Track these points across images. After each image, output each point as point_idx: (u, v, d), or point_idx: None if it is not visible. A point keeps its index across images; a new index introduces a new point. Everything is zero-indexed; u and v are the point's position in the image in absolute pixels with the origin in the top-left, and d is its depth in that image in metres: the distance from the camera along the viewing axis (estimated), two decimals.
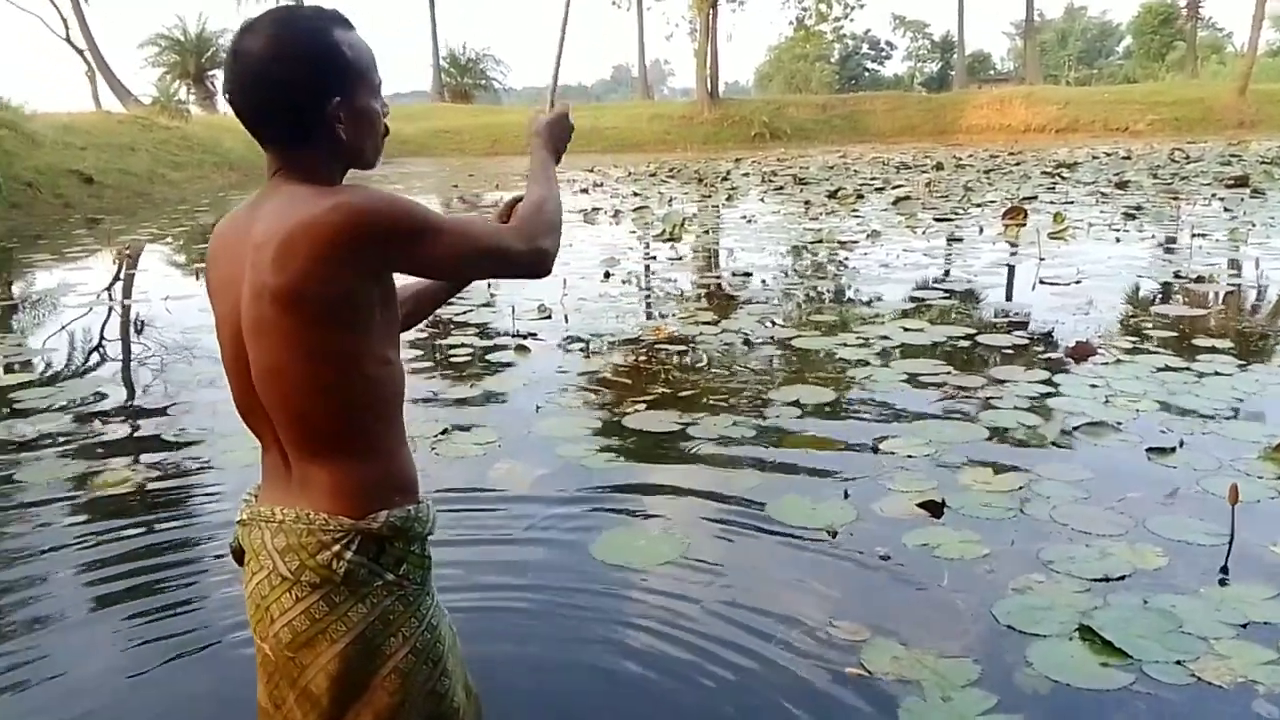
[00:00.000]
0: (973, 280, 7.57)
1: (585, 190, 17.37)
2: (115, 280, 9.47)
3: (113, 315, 7.46)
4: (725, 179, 19.31)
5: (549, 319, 6.43)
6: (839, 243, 9.86)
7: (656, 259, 9.44)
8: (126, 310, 7.55)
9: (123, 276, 9.52)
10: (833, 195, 14.68)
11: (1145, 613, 2.52)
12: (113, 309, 7.73)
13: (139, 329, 6.62)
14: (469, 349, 5.66)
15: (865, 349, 5.34)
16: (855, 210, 12.85)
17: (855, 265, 8.62)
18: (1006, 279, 7.75)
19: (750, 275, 8.12)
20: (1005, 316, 6.26)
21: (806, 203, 13.88)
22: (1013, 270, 8.11)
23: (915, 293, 7.07)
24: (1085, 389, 4.47)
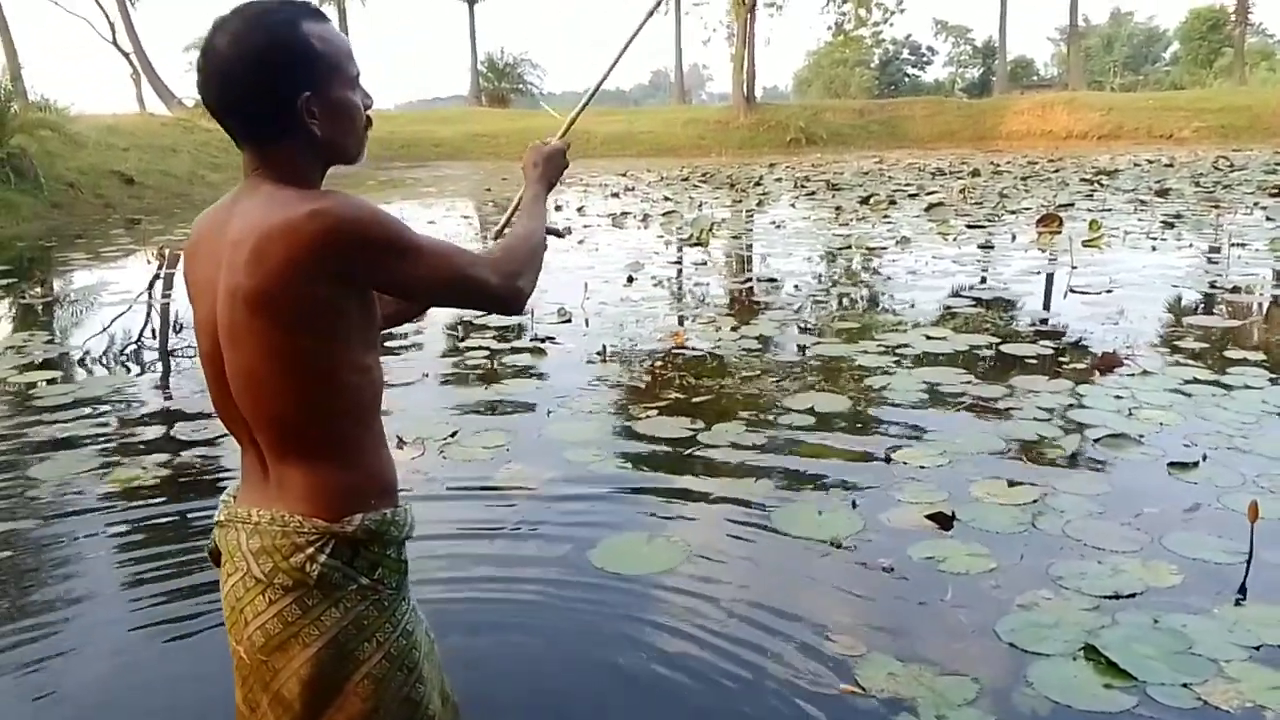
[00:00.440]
0: (1001, 288, 7.45)
1: (616, 194, 17.38)
2: (155, 279, 9.64)
3: (152, 313, 7.59)
4: (758, 184, 19.21)
5: (569, 323, 6.42)
6: (868, 249, 9.76)
7: (682, 264, 9.41)
8: (165, 308, 7.69)
9: (162, 275, 9.68)
10: (865, 201, 14.55)
11: (1155, 632, 2.44)
12: (152, 307, 7.86)
13: (178, 329, 6.75)
14: (486, 351, 5.66)
15: (886, 357, 5.27)
16: (887, 216, 12.72)
17: (883, 272, 8.52)
18: (1037, 288, 7.61)
19: (775, 281, 8.06)
20: (1032, 325, 6.14)
21: (838, 208, 13.77)
22: (1044, 279, 7.97)
23: (942, 300, 6.97)
24: (1109, 401, 4.37)
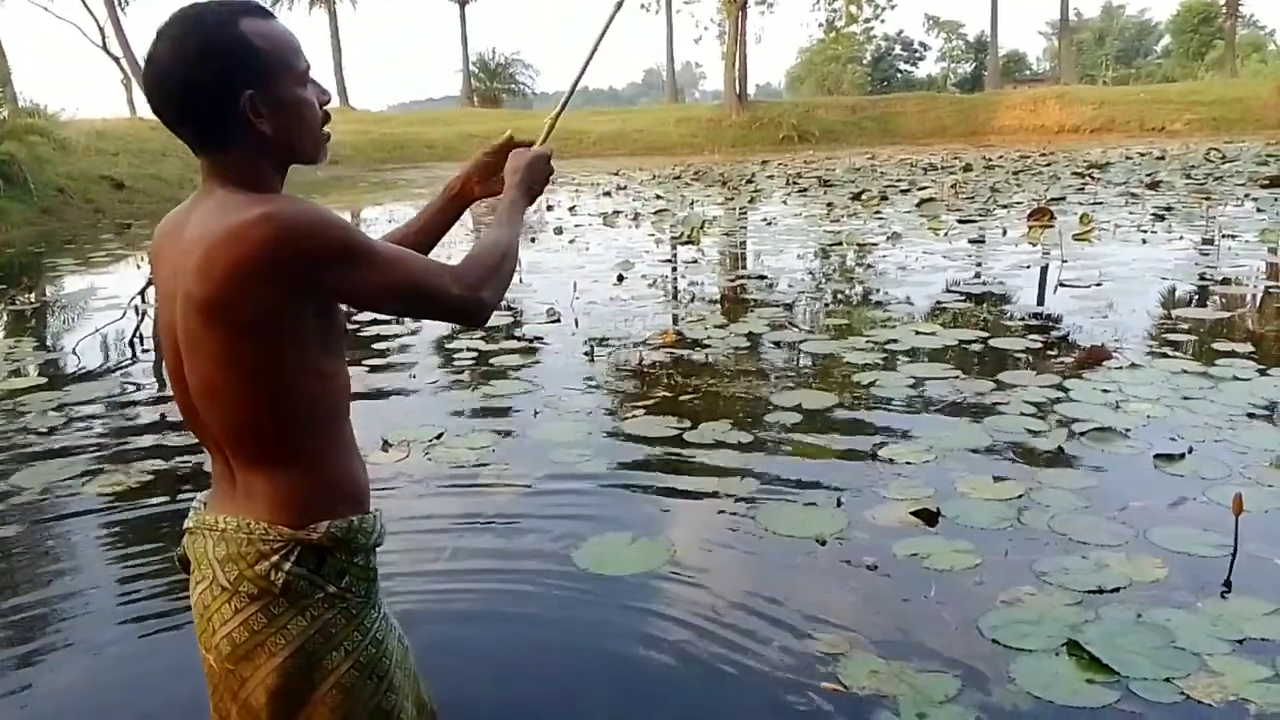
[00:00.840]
0: (991, 283, 7.44)
1: (608, 193, 17.36)
2: (148, 284, 9.60)
3: (145, 318, 7.54)
4: (750, 181, 19.21)
5: (558, 323, 6.40)
6: (858, 245, 9.76)
7: (672, 262, 9.40)
8: (157, 313, 7.62)
9: (153, 279, 9.63)
10: (856, 197, 14.55)
11: (1138, 627, 2.43)
12: (145, 313, 7.83)
13: None
14: (473, 352, 5.64)
15: (874, 353, 5.26)
16: (878, 212, 12.72)
17: (873, 267, 8.52)
18: (1027, 282, 7.60)
19: (765, 278, 8.05)
20: (1022, 320, 6.14)
21: (829, 205, 13.77)
22: (1033, 272, 7.97)
23: (931, 295, 6.97)
24: (1096, 394, 4.36)
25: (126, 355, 6.28)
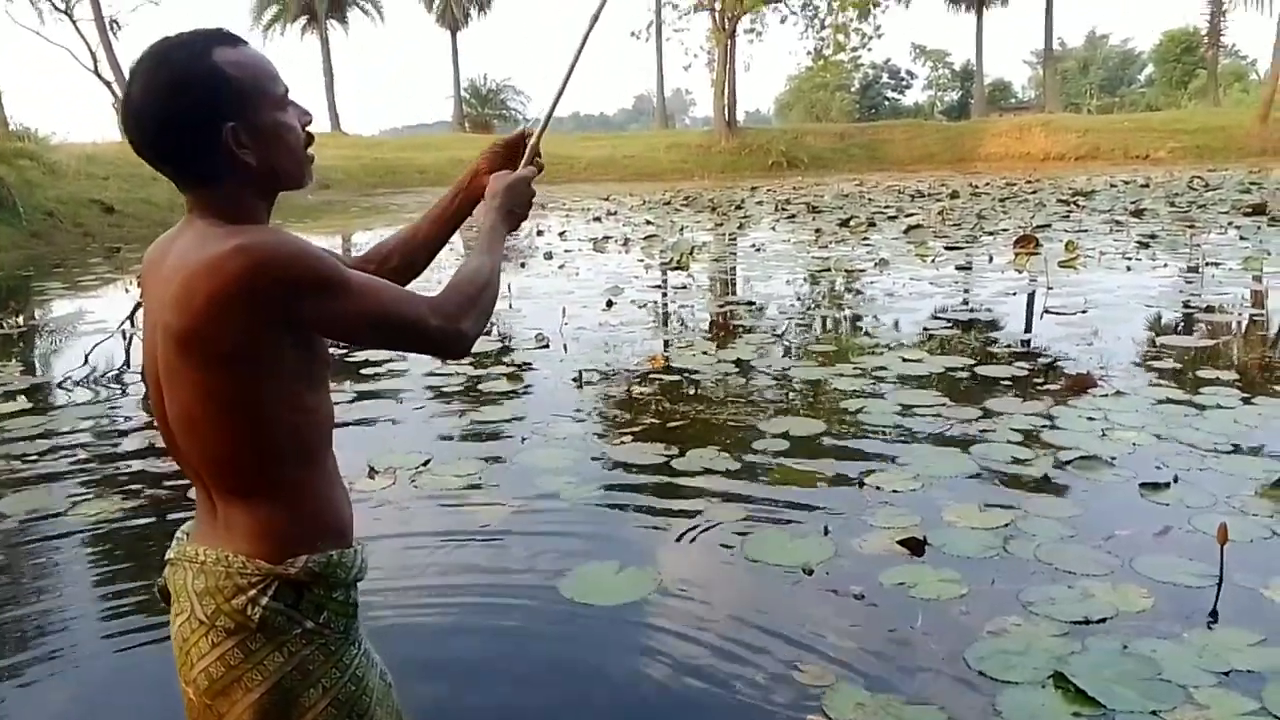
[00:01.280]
0: (978, 309, 7.49)
1: (598, 218, 17.43)
2: (138, 307, 9.57)
3: (134, 341, 7.50)
4: (739, 207, 19.31)
5: (546, 348, 6.41)
6: (846, 271, 9.80)
7: (662, 288, 9.42)
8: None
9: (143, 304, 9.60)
10: (845, 224, 14.64)
11: (1124, 658, 2.43)
12: (134, 337, 7.79)
13: None
14: (461, 378, 5.64)
15: (861, 379, 5.27)
16: (866, 239, 12.80)
17: (861, 294, 8.56)
18: (1013, 309, 7.65)
19: (753, 304, 8.07)
20: (1008, 347, 6.17)
21: (818, 231, 13.84)
22: (1019, 299, 8.02)
23: (918, 322, 7.00)
24: (1082, 422, 4.38)
25: (114, 380, 6.23)
